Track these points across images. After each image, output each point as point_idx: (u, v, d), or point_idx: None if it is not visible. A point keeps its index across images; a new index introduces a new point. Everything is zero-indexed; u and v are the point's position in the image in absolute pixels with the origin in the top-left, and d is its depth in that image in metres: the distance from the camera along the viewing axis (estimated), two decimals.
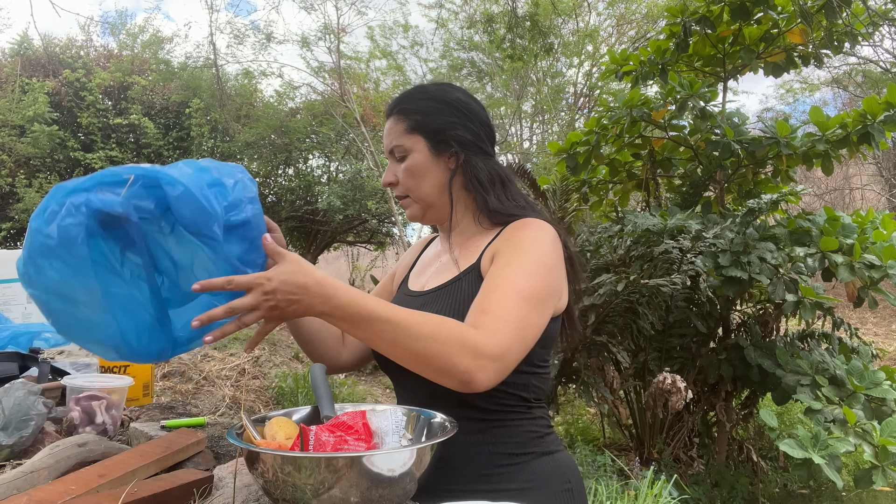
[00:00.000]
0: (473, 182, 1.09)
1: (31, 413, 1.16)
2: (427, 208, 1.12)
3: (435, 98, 1.10)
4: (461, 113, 1.10)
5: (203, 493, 0.97)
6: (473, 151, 1.10)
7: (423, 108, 1.09)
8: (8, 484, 0.93)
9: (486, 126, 1.13)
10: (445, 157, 1.10)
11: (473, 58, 12.90)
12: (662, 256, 3.05)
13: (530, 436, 1.04)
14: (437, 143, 1.09)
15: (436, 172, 1.10)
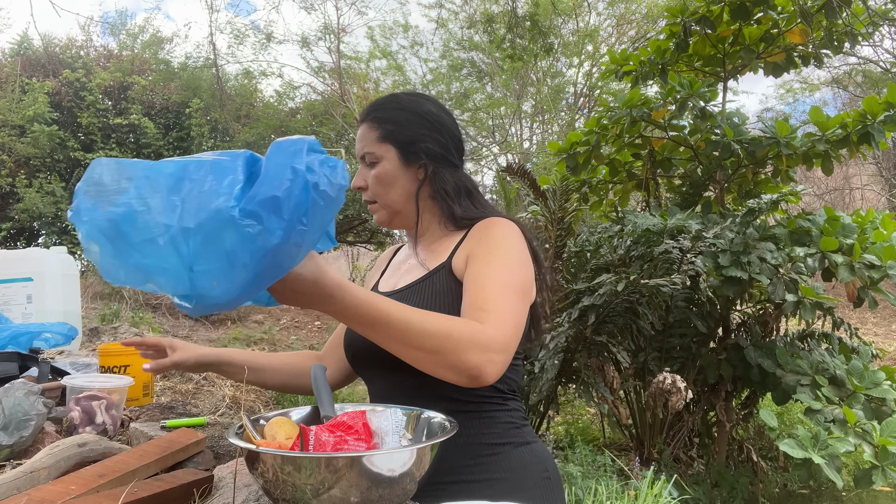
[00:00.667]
0: (441, 192, 1.13)
1: (31, 413, 1.16)
2: (394, 215, 1.17)
3: (408, 109, 1.14)
4: (432, 126, 1.13)
5: (203, 493, 0.97)
6: (441, 163, 1.14)
7: (396, 118, 1.13)
8: (8, 484, 0.93)
9: (455, 139, 1.16)
10: (414, 168, 1.13)
11: (473, 58, 12.90)
12: (662, 256, 3.05)
13: (508, 426, 1.07)
14: (408, 153, 1.12)
15: (404, 181, 1.13)
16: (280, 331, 8.42)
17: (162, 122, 9.96)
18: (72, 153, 9.15)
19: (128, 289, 7.28)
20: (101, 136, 9.40)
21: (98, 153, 9.24)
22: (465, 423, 0.99)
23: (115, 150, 9.38)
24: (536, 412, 3.33)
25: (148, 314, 6.48)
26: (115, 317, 5.93)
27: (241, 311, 8.10)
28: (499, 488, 1.01)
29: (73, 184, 9.29)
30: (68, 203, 8.96)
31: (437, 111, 1.16)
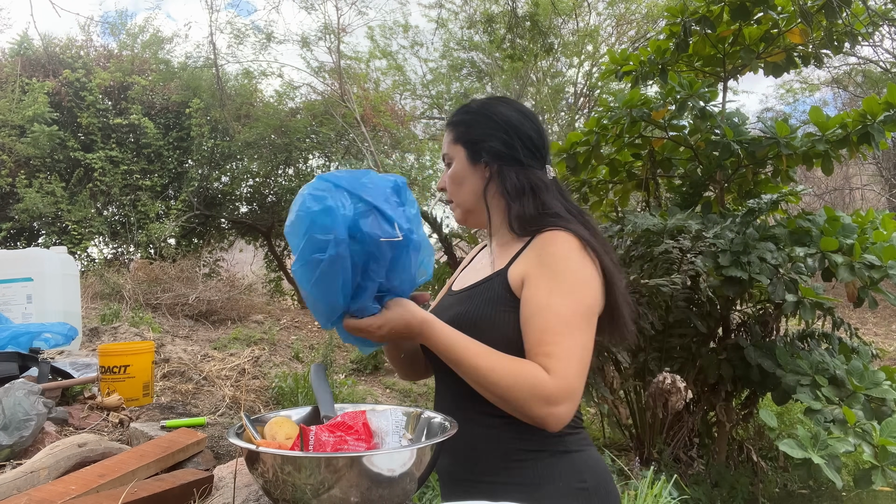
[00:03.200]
0: (503, 191, 1.16)
1: (31, 413, 1.16)
2: (467, 213, 1.22)
3: (476, 112, 1.20)
4: (498, 126, 1.17)
5: (203, 493, 0.97)
6: (507, 162, 1.16)
7: (466, 120, 1.20)
8: (8, 484, 0.93)
9: (525, 138, 1.17)
10: (481, 167, 1.18)
11: (473, 58, 12.90)
12: (662, 256, 3.05)
13: (548, 434, 1.04)
14: (474, 153, 1.18)
15: (473, 180, 1.18)
16: (280, 331, 8.42)
17: (162, 122, 9.96)
18: (72, 153, 9.15)
19: (128, 289, 7.28)
20: (101, 136, 9.40)
21: (98, 153, 9.24)
22: (507, 427, 1.05)
23: (115, 150, 9.38)
24: None
25: (148, 314, 6.48)
26: (115, 317, 5.93)
27: (241, 311, 8.10)
28: (525, 493, 1.03)
29: (72, 184, 9.29)
30: (68, 203, 8.97)
31: (507, 112, 1.19)
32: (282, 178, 11.34)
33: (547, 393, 0.96)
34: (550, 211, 1.13)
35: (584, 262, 1.05)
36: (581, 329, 1.01)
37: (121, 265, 9.28)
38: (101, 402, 1.64)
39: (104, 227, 9.34)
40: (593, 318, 1.04)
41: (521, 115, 1.20)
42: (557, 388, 0.96)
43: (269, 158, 10.59)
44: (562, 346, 0.98)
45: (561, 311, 1.01)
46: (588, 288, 1.04)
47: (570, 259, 1.05)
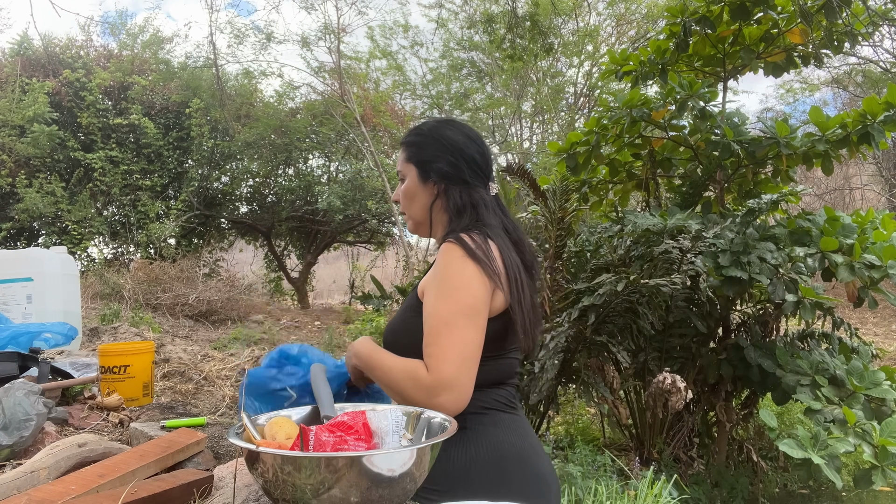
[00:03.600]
0: (447, 207, 1.29)
1: (31, 413, 1.16)
2: (417, 225, 1.36)
3: (426, 135, 1.33)
4: (445, 148, 1.30)
5: (203, 493, 0.97)
6: (452, 181, 1.29)
7: (417, 142, 1.33)
8: (8, 484, 0.93)
9: (469, 160, 1.30)
10: (430, 185, 1.31)
11: (473, 58, 12.90)
12: (662, 256, 3.05)
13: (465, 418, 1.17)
14: (424, 172, 1.31)
15: (422, 196, 1.32)
16: (280, 331, 8.42)
17: (162, 122, 9.95)
18: (72, 153, 9.15)
19: (128, 289, 7.28)
20: (101, 136, 9.40)
21: (98, 153, 9.24)
22: None
23: (115, 150, 9.38)
24: (536, 412, 3.33)
25: (148, 314, 6.48)
26: (115, 317, 5.93)
27: (241, 311, 8.10)
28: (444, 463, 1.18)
29: (72, 184, 9.29)
30: (68, 203, 8.96)
31: (453, 135, 1.32)
32: (282, 178, 11.34)
33: (425, 386, 1.10)
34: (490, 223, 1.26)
35: (465, 267, 1.16)
36: (460, 326, 1.12)
37: (121, 265, 9.28)
38: (101, 402, 1.64)
39: (104, 227, 9.34)
40: (476, 316, 1.14)
41: (466, 138, 1.33)
42: (433, 380, 1.10)
43: (269, 158, 10.59)
44: (439, 345, 1.12)
45: (441, 313, 1.14)
46: (467, 290, 1.14)
47: (451, 266, 1.17)
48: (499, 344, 1.21)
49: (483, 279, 1.15)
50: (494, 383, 1.23)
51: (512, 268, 1.22)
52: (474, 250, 1.16)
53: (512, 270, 1.22)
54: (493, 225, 1.26)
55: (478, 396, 1.18)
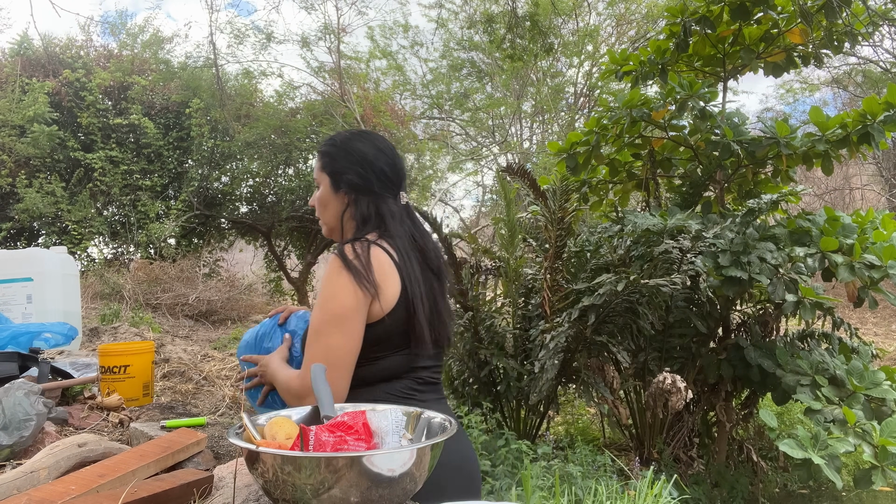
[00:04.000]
0: (355, 215, 1.38)
1: (31, 413, 1.16)
2: (330, 230, 1.44)
3: (339, 146, 1.41)
4: (355, 160, 1.38)
5: (203, 493, 0.97)
6: (361, 192, 1.37)
7: (331, 153, 1.41)
8: (8, 484, 0.93)
9: (378, 172, 1.38)
10: (341, 194, 1.39)
11: (473, 58, 12.90)
12: (662, 256, 3.05)
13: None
14: (335, 182, 1.39)
15: (334, 204, 1.40)
16: None
17: (162, 122, 9.95)
18: (72, 153, 9.15)
19: (128, 289, 7.28)
20: (101, 136, 9.40)
21: (98, 153, 9.23)
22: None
23: (115, 150, 9.38)
24: (536, 412, 3.34)
25: (148, 314, 6.48)
26: (115, 317, 5.93)
27: (241, 311, 8.10)
28: None
29: (73, 184, 9.29)
30: (68, 203, 8.96)
31: (364, 148, 1.40)
32: (282, 178, 11.33)
33: (295, 392, 1.23)
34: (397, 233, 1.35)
35: (339, 278, 1.24)
36: (327, 334, 1.23)
37: (121, 265, 9.28)
38: (101, 402, 1.64)
39: (104, 227, 9.34)
40: (343, 323, 1.23)
41: (377, 150, 1.40)
42: (301, 386, 1.22)
43: (269, 158, 10.59)
44: (309, 352, 1.24)
45: (314, 322, 1.25)
46: (335, 300, 1.23)
47: (328, 277, 1.26)
48: (390, 343, 1.29)
49: (354, 288, 1.22)
50: (388, 378, 1.31)
51: (408, 273, 1.30)
52: (351, 261, 1.24)
53: (407, 275, 1.29)
54: (397, 234, 1.34)
55: (370, 392, 1.29)
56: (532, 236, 3.72)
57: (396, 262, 1.29)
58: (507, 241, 3.46)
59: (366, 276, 1.23)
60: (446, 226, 4.12)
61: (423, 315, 1.30)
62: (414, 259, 1.33)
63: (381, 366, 1.30)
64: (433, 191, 12.00)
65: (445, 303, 1.39)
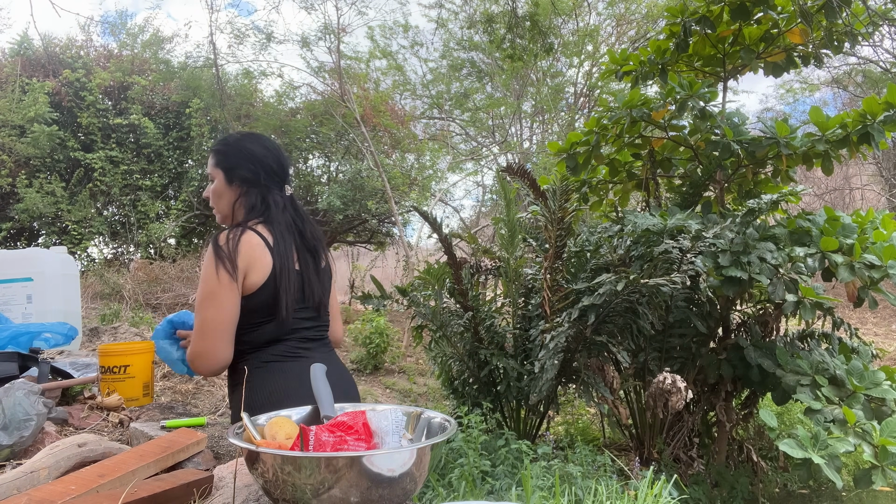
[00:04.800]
0: (244, 205, 1.61)
1: (31, 413, 1.16)
2: (224, 218, 1.67)
3: (232, 146, 1.65)
4: (246, 158, 1.63)
5: (203, 493, 0.97)
6: (251, 185, 1.62)
7: (224, 151, 1.65)
8: (8, 484, 0.93)
9: (266, 168, 1.63)
10: (235, 187, 1.63)
11: (473, 58, 12.90)
12: (662, 256, 3.05)
13: (237, 375, 1.57)
14: (229, 176, 1.63)
15: (227, 196, 1.64)
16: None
17: (162, 122, 9.95)
18: (72, 153, 9.14)
19: (128, 289, 7.27)
20: (101, 136, 9.40)
21: (98, 153, 9.23)
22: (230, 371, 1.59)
23: (115, 150, 9.38)
24: (536, 412, 3.33)
25: (148, 314, 6.47)
26: (115, 317, 5.93)
27: None
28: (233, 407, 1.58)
29: (73, 184, 9.29)
30: (68, 203, 8.96)
31: (253, 147, 1.65)
32: None
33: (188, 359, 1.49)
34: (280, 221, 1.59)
35: (209, 262, 1.47)
36: (203, 308, 1.47)
37: (121, 265, 9.28)
38: (101, 402, 1.64)
39: (104, 227, 9.33)
40: (214, 299, 1.45)
41: (265, 149, 1.65)
42: (189, 353, 1.49)
43: None
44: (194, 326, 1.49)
45: (196, 300, 1.50)
46: (207, 281, 1.46)
47: (204, 260, 1.52)
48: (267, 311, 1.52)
49: (219, 271, 1.45)
50: (272, 341, 1.55)
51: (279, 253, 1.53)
52: (221, 247, 1.47)
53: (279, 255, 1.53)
54: (277, 220, 1.58)
55: (257, 354, 1.54)
56: (532, 236, 3.71)
57: (270, 245, 1.52)
58: (507, 241, 3.46)
59: (229, 260, 1.46)
60: (446, 226, 4.12)
61: (287, 287, 1.52)
62: (290, 241, 1.57)
63: (265, 330, 1.54)
64: (433, 191, 12.00)
65: (319, 275, 1.64)
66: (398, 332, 8.22)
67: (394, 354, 7.56)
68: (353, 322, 7.90)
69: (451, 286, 3.26)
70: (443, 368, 3.39)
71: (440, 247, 3.57)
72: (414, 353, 7.98)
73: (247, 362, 1.53)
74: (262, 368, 1.54)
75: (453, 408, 3.41)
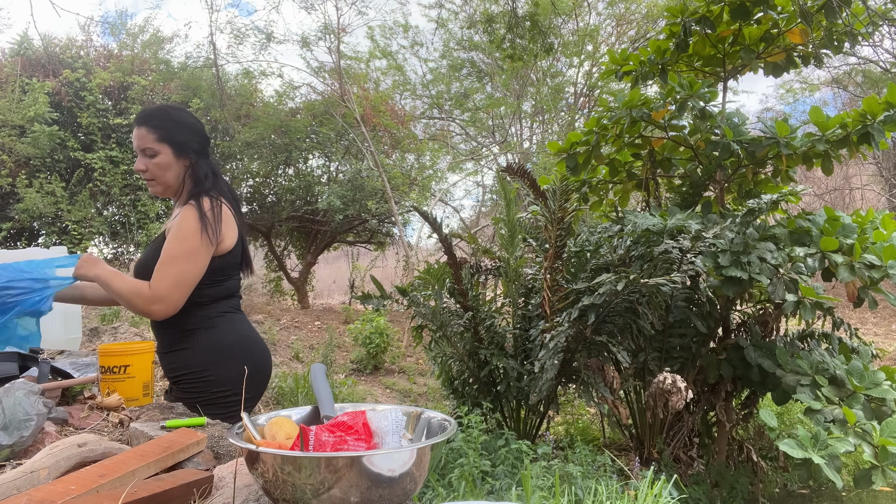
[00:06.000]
0: (194, 175, 1.78)
1: (31, 413, 1.16)
2: (166, 189, 1.80)
3: (174, 120, 1.78)
4: (192, 131, 1.80)
5: (203, 493, 0.97)
6: (201, 156, 1.81)
7: (168, 126, 1.76)
8: (8, 484, 0.93)
9: (205, 138, 1.84)
10: (184, 160, 1.78)
11: (473, 58, 12.90)
12: (662, 256, 3.04)
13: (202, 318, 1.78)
14: (179, 150, 1.77)
15: (176, 168, 1.78)
16: (280, 331, 8.42)
17: None
18: (72, 153, 9.14)
19: None
20: (101, 136, 9.40)
21: (98, 153, 9.23)
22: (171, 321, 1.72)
23: (115, 150, 9.38)
24: (536, 412, 3.33)
25: None
26: (115, 317, 5.93)
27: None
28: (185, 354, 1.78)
29: (73, 184, 9.28)
30: (68, 203, 8.96)
31: (191, 120, 1.82)
32: (282, 178, 11.33)
33: (146, 296, 1.63)
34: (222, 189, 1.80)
35: (196, 224, 1.65)
36: (181, 261, 1.62)
37: (121, 265, 9.28)
38: (101, 402, 1.64)
39: (104, 227, 9.33)
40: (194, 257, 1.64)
41: (197, 121, 1.84)
42: (151, 294, 1.62)
43: (269, 158, 10.58)
44: (162, 271, 1.62)
45: (171, 251, 1.64)
46: (188, 239, 1.64)
47: (187, 220, 1.66)
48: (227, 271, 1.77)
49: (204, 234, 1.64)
50: (226, 296, 1.81)
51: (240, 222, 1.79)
52: (206, 213, 1.67)
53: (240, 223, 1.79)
54: (223, 190, 1.79)
55: (217, 306, 1.78)
56: (532, 236, 3.71)
57: (234, 214, 1.77)
58: (507, 241, 3.46)
59: (213, 228, 1.67)
60: (446, 226, 4.12)
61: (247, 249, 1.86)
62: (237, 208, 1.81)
63: (224, 286, 1.79)
64: (433, 191, 12.00)
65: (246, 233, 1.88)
66: (398, 332, 8.22)
67: (394, 354, 7.56)
68: (354, 322, 7.90)
69: (451, 286, 3.26)
70: (443, 368, 3.39)
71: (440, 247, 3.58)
72: (414, 353, 7.98)
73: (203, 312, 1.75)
74: (221, 317, 1.79)
75: (453, 408, 3.41)
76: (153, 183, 1.79)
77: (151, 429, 1.26)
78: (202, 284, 1.70)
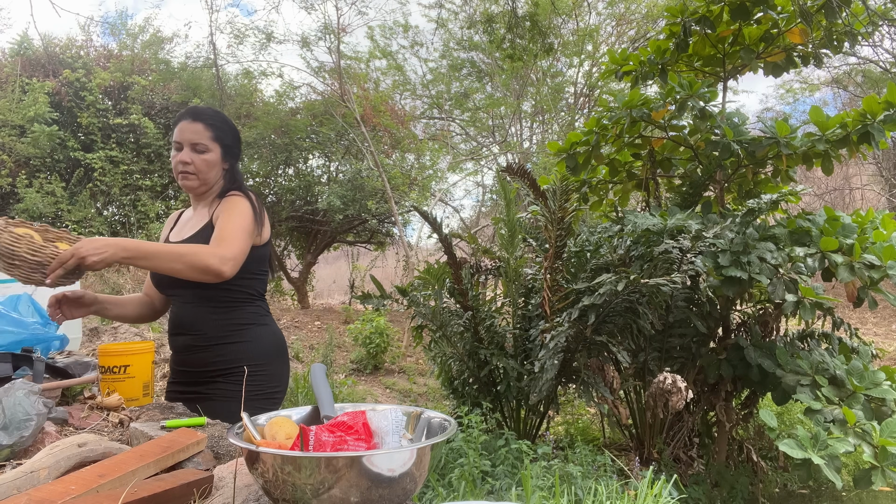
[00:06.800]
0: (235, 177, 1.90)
1: (31, 413, 1.15)
2: (202, 185, 1.84)
3: (227, 124, 1.88)
4: (237, 137, 1.92)
5: (203, 493, 0.97)
6: (236, 160, 1.92)
7: (223, 128, 1.85)
8: (8, 484, 0.93)
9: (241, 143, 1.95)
10: (226, 162, 1.87)
11: (473, 58, 12.89)
12: (662, 256, 3.04)
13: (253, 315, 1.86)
14: (226, 152, 1.86)
15: (218, 168, 1.86)
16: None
17: (162, 122, 9.95)
18: (72, 153, 9.14)
19: (128, 288, 7.27)
20: (101, 136, 9.40)
21: (98, 153, 9.23)
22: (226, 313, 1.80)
23: (115, 150, 9.38)
24: (536, 412, 3.33)
25: None
26: None
27: None
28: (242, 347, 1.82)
29: (73, 184, 9.28)
30: (68, 203, 8.96)
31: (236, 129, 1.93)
32: (282, 178, 11.32)
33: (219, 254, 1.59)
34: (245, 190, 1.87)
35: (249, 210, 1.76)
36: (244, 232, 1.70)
37: (121, 265, 9.27)
38: (101, 402, 1.64)
39: (104, 227, 9.33)
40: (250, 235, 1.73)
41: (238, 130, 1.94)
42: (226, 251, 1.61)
43: (269, 158, 10.58)
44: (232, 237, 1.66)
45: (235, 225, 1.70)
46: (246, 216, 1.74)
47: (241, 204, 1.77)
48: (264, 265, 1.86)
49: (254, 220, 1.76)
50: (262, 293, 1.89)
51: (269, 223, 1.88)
52: (255, 203, 1.81)
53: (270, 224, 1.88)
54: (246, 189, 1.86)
55: (262, 304, 1.89)
56: (532, 236, 3.71)
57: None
58: (507, 241, 3.46)
59: (260, 216, 1.81)
60: (446, 226, 4.12)
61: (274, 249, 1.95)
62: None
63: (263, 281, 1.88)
64: (433, 191, 11.99)
65: None
66: (398, 332, 8.22)
67: (394, 354, 7.56)
68: (354, 322, 7.90)
69: (451, 286, 3.26)
70: (443, 368, 3.39)
71: (440, 247, 3.58)
72: (414, 353, 7.97)
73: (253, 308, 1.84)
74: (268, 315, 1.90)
75: (453, 408, 3.40)
76: (192, 177, 1.82)
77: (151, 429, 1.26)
78: (253, 275, 1.81)
